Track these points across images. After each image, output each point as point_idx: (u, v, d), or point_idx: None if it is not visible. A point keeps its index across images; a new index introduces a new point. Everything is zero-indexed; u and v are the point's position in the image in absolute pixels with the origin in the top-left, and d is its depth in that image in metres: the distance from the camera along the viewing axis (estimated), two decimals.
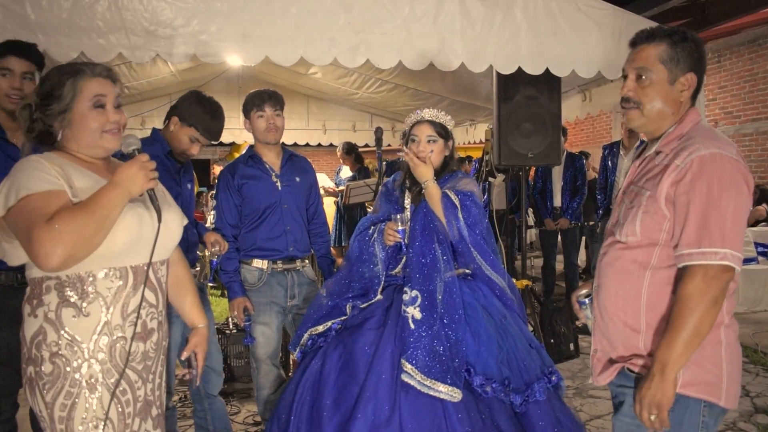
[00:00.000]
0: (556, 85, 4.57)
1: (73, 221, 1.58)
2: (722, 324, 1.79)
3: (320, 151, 15.92)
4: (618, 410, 1.95)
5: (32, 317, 1.73)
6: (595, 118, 12.36)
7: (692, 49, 1.86)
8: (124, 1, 3.19)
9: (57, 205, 1.63)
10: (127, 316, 1.79)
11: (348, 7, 3.50)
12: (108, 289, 1.75)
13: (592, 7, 3.96)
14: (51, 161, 1.73)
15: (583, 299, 2.06)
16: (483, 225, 2.70)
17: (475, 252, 2.65)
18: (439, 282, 2.52)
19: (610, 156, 6.13)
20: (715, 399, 1.77)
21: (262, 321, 3.25)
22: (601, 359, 1.97)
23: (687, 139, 1.80)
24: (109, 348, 1.75)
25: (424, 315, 2.45)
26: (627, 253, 1.86)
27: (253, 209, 3.28)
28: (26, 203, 1.62)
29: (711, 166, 1.71)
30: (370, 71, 6.21)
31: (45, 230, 1.55)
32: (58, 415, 1.70)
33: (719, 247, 1.67)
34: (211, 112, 2.98)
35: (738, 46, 9.13)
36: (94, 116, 1.79)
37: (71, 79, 1.78)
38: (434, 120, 2.77)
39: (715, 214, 1.68)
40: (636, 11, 4.65)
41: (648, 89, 1.87)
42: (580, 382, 4.58)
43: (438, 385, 2.31)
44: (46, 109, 1.78)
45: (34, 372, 1.72)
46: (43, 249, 1.55)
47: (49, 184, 1.67)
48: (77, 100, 1.78)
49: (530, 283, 5.24)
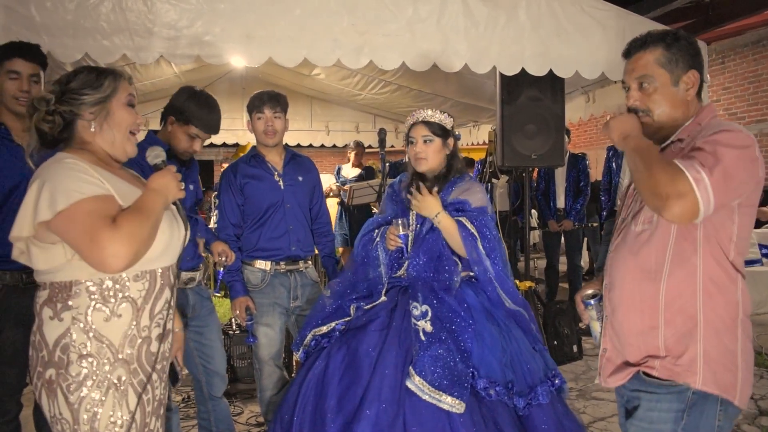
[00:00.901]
0: (560, 86, 4.57)
1: (135, 223, 1.65)
2: (738, 319, 1.78)
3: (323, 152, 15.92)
4: (632, 415, 1.90)
5: (56, 320, 1.73)
6: (599, 119, 12.31)
7: (687, 47, 1.86)
8: (128, 3, 3.20)
9: (114, 209, 1.69)
10: (154, 317, 1.82)
11: (351, 9, 3.51)
12: (139, 291, 1.79)
13: (596, 8, 3.96)
14: (86, 162, 1.75)
15: (589, 300, 2.04)
16: (500, 247, 2.68)
17: (497, 284, 2.64)
18: (446, 295, 2.53)
19: (615, 157, 6.11)
20: (731, 397, 1.76)
21: (265, 322, 3.26)
22: (612, 359, 1.95)
23: (707, 126, 1.79)
24: (137, 349, 1.78)
25: (435, 328, 2.45)
26: (643, 248, 1.84)
27: (255, 209, 3.29)
28: (81, 206, 1.64)
29: (736, 138, 1.68)
30: (373, 72, 6.21)
31: (112, 232, 1.61)
32: (83, 417, 1.71)
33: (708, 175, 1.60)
34: (207, 105, 2.96)
35: (742, 47, 9.11)
36: (128, 112, 1.88)
37: (111, 76, 1.86)
38: (429, 120, 2.76)
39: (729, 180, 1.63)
40: (640, 12, 4.64)
41: (654, 95, 1.87)
42: (583, 384, 4.57)
43: (444, 396, 2.31)
44: (78, 99, 1.80)
45: (56, 374, 1.72)
46: (111, 250, 1.60)
47: (98, 188, 1.70)
48: (116, 95, 1.85)
49: (533, 284, 5.24)
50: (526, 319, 2.68)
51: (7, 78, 2.63)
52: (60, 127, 1.81)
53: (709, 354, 1.76)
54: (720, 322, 1.77)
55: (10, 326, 2.59)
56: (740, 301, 1.79)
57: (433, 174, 2.79)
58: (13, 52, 2.66)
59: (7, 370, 2.63)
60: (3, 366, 2.62)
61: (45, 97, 1.81)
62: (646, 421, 1.84)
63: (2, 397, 2.65)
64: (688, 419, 1.76)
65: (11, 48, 2.69)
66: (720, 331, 1.77)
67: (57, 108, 1.80)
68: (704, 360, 1.76)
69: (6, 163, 2.59)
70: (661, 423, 1.82)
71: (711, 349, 1.76)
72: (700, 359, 1.76)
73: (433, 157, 2.75)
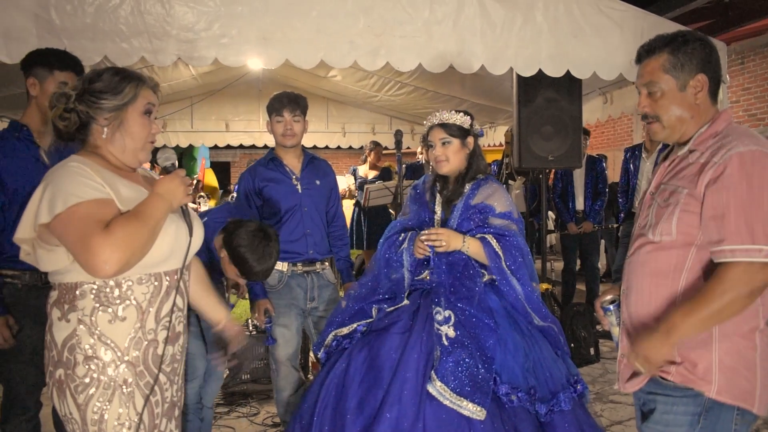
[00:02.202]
0: (577, 87, 4.54)
1: (128, 229, 1.63)
2: (757, 329, 1.76)
3: (339, 154, 15.98)
4: (648, 418, 1.90)
5: (63, 321, 1.75)
6: (617, 120, 12.26)
7: (697, 51, 1.84)
8: (146, 6, 3.23)
9: (110, 214, 1.67)
10: (160, 320, 1.82)
11: (368, 10, 3.51)
12: (143, 294, 1.78)
13: (614, 9, 3.94)
14: (92, 168, 1.74)
15: (608, 305, 2.02)
16: (528, 264, 2.64)
17: (526, 303, 2.61)
18: (470, 300, 2.52)
19: (632, 159, 6.07)
20: (749, 406, 1.74)
21: (282, 323, 3.27)
22: (630, 364, 1.94)
23: (723, 137, 1.78)
24: (143, 352, 1.78)
25: (458, 333, 2.44)
26: (661, 254, 1.83)
27: (273, 212, 3.30)
28: (77, 210, 1.64)
29: (751, 162, 1.68)
30: (389, 74, 6.21)
31: (103, 237, 1.59)
32: (91, 418, 1.72)
33: (764, 244, 1.65)
34: (259, 259, 2.74)
35: (762, 48, 8.99)
36: (144, 122, 1.84)
37: (134, 83, 1.82)
38: (446, 122, 2.74)
39: (758, 210, 1.66)
40: (658, 12, 4.60)
41: (661, 101, 1.87)
42: (600, 387, 4.54)
43: (466, 402, 2.30)
44: (96, 102, 1.78)
45: (64, 374, 1.74)
46: (102, 256, 1.58)
47: (98, 192, 1.69)
48: (134, 103, 1.82)
49: (550, 286, 5.21)
50: (555, 333, 2.67)
51: (57, 87, 2.66)
52: (75, 126, 1.80)
53: (725, 362, 1.74)
54: (736, 330, 1.75)
55: (29, 325, 2.62)
56: (759, 309, 1.77)
57: (455, 175, 2.78)
58: (66, 64, 2.68)
59: (26, 368, 2.66)
60: (22, 364, 2.66)
61: (66, 93, 1.79)
62: (662, 424, 1.83)
63: (22, 394, 2.69)
64: (704, 423, 1.74)
65: (64, 59, 2.71)
66: (736, 339, 1.75)
67: (75, 106, 1.78)
68: (719, 368, 1.74)
69: (27, 165, 2.62)
70: (676, 426, 1.81)
71: (726, 357, 1.74)
72: (715, 367, 1.74)
73: (453, 159, 2.74)
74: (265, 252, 2.72)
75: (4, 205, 2.60)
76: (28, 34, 3.07)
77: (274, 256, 2.78)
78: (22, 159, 2.64)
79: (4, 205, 2.60)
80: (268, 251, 2.74)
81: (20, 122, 2.71)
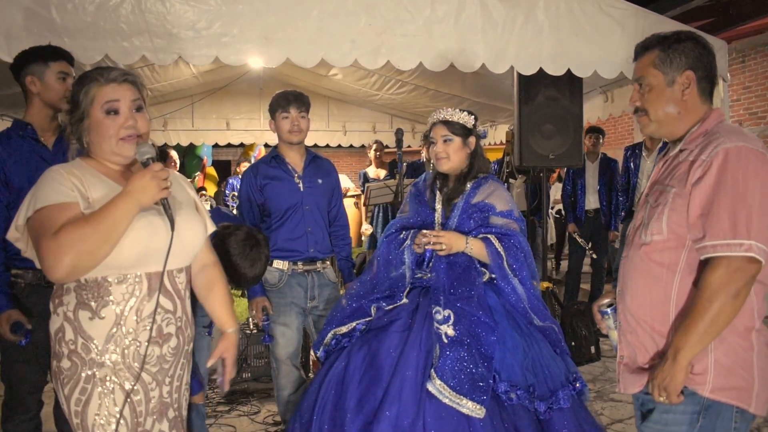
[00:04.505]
0: (578, 86, 4.54)
1: (76, 233, 1.62)
2: (753, 328, 1.76)
3: (340, 152, 15.98)
4: (647, 418, 1.90)
5: (55, 315, 1.82)
6: (617, 119, 12.24)
7: (688, 48, 1.86)
8: (147, 4, 3.23)
9: (66, 218, 1.67)
10: (141, 321, 1.82)
11: (369, 9, 3.51)
12: (122, 295, 1.79)
13: (615, 8, 3.94)
14: (71, 171, 1.79)
15: (605, 309, 2.02)
16: (530, 265, 2.64)
17: (532, 313, 2.61)
18: (470, 299, 2.51)
19: (633, 158, 6.07)
20: (745, 405, 1.74)
21: (282, 322, 3.27)
22: (629, 366, 1.93)
23: (711, 135, 1.79)
24: (122, 350, 1.79)
25: (458, 332, 2.44)
26: (653, 255, 1.83)
27: (274, 209, 3.31)
28: (40, 215, 1.69)
29: (737, 158, 1.69)
30: (390, 73, 6.21)
31: (50, 242, 1.62)
32: (74, 409, 1.78)
33: (744, 238, 1.65)
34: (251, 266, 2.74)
35: (763, 46, 8.98)
36: (107, 123, 1.81)
37: (85, 88, 1.82)
38: (449, 120, 2.74)
39: (741, 205, 1.66)
40: (659, 11, 4.60)
41: (648, 95, 1.90)
42: (601, 385, 4.54)
43: (465, 401, 2.30)
44: (71, 117, 1.85)
45: (56, 366, 1.81)
46: (48, 261, 1.62)
47: (64, 196, 1.72)
48: (92, 107, 1.81)
49: (551, 285, 5.21)
50: (555, 333, 2.67)
51: (56, 78, 2.69)
52: (79, 136, 1.87)
53: (721, 362, 1.74)
54: (732, 330, 1.74)
55: (31, 324, 2.62)
56: (755, 308, 1.77)
57: (455, 173, 2.77)
58: (58, 55, 2.73)
59: (28, 367, 2.67)
60: (24, 364, 2.67)
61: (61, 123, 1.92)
62: (661, 424, 1.83)
63: (24, 394, 2.70)
64: (703, 421, 1.74)
65: (55, 50, 2.76)
66: (732, 339, 1.75)
67: (67, 122, 1.88)
68: (715, 368, 1.74)
69: (31, 164, 2.63)
70: (676, 425, 1.81)
71: (723, 357, 1.75)
72: (711, 367, 1.75)
73: (453, 157, 2.73)
74: (256, 259, 2.72)
75: (9, 204, 2.62)
76: (29, 33, 3.07)
77: (264, 261, 2.78)
78: (27, 157, 2.65)
79: (10, 204, 2.61)
80: (259, 257, 2.74)
81: (24, 121, 2.72)
